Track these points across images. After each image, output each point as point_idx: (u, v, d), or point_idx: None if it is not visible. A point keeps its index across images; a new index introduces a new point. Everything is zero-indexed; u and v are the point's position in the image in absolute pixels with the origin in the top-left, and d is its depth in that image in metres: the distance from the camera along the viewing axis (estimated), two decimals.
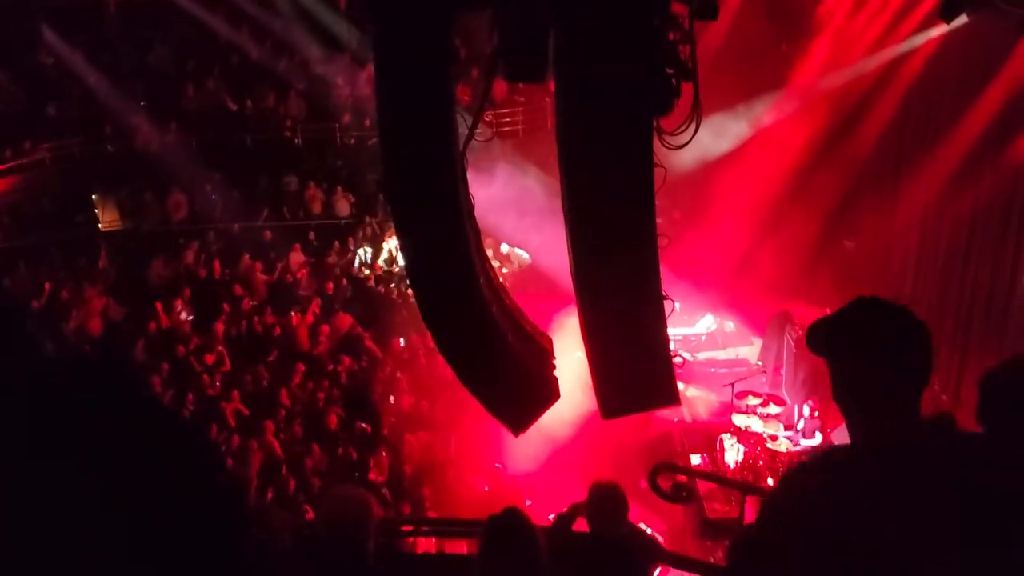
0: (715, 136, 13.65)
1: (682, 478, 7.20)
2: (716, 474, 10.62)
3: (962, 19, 10.25)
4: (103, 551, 1.28)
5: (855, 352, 1.92)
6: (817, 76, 13.93)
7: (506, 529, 3.47)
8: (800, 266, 13.90)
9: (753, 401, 11.61)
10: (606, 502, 4.37)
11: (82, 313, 13.51)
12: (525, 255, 15.79)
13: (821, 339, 1.98)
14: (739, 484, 9.37)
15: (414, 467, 11.07)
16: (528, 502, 10.21)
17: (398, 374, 12.73)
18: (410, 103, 4.62)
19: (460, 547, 7.26)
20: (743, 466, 10.96)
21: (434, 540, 7.98)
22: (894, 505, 1.78)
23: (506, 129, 16.42)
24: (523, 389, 5.51)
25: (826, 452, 2.09)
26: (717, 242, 13.85)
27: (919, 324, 1.91)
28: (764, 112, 14.59)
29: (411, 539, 7.54)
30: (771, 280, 13.67)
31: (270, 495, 9.75)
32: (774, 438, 11.08)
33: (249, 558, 1.47)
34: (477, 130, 5.17)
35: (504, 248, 15.80)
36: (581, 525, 4.65)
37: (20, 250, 15.07)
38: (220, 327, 13.27)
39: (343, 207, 16.96)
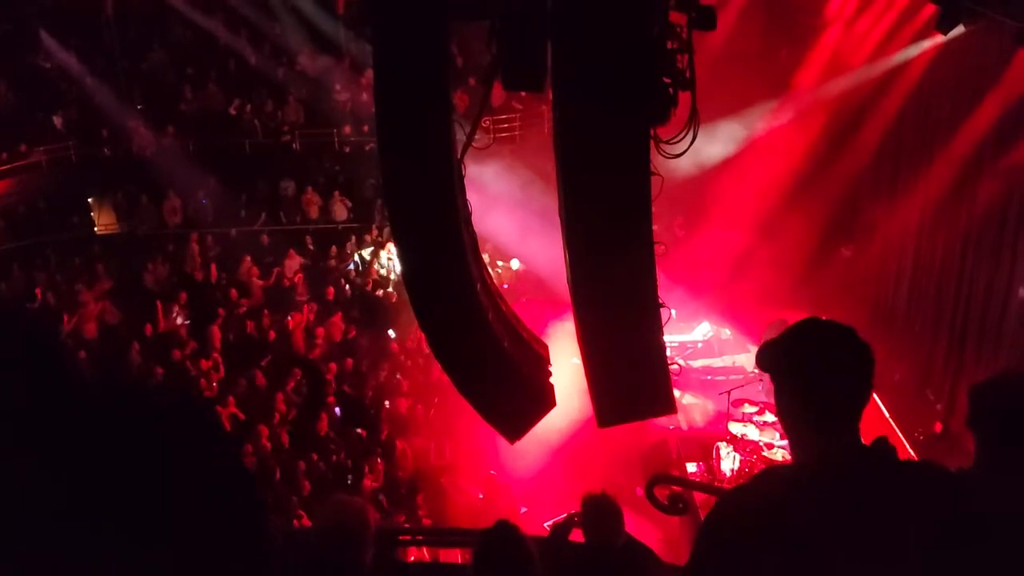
0: (712, 143, 13.67)
1: (679, 489, 7.18)
2: (714, 486, 10.56)
3: (959, 30, 10.30)
4: (123, 554, 1.30)
5: (793, 372, 1.97)
6: (815, 84, 13.98)
7: (500, 543, 3.45)
8: (797, 274, 13.92)
9: (749, 409, 11.56)
10: (598, 513, 4.33)
11: (78, 316, 13.48)
12: (518, 264, 15.77)
13: (765, 358, 2.03)
14: None
15: (409, 473, 11.04)
16: (523, 509, 10.19)
17: (397, 376, 12.71)
18: (408, 110, 4.63)
19: (454, 555, 7.26)
20: (739, 474, 10.92)
21: (428, 549, 7.96)
22: (829, 526, 1.81)
23: (504, 135, 16.44)
24: (519, 396, 5.50)
25: (766, 472, 2.16)
26: (713, 249, 13.86)
27: (860, 346, 1.92)
28: (762, 119, 14.62)
29: (407, 548, 7.51)
30: (767, 287, 13.67)
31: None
32: (770, 446, 11.04)
33: (254, 564, 1.49)
34: (475, 136, 5.18)
35: (499, 262, 15.79)
36: (578, 535, 4.62)
37: (16, 253, 15.04)
38: (216, 331, 13.24)
39: (340, 212, 16.96)
